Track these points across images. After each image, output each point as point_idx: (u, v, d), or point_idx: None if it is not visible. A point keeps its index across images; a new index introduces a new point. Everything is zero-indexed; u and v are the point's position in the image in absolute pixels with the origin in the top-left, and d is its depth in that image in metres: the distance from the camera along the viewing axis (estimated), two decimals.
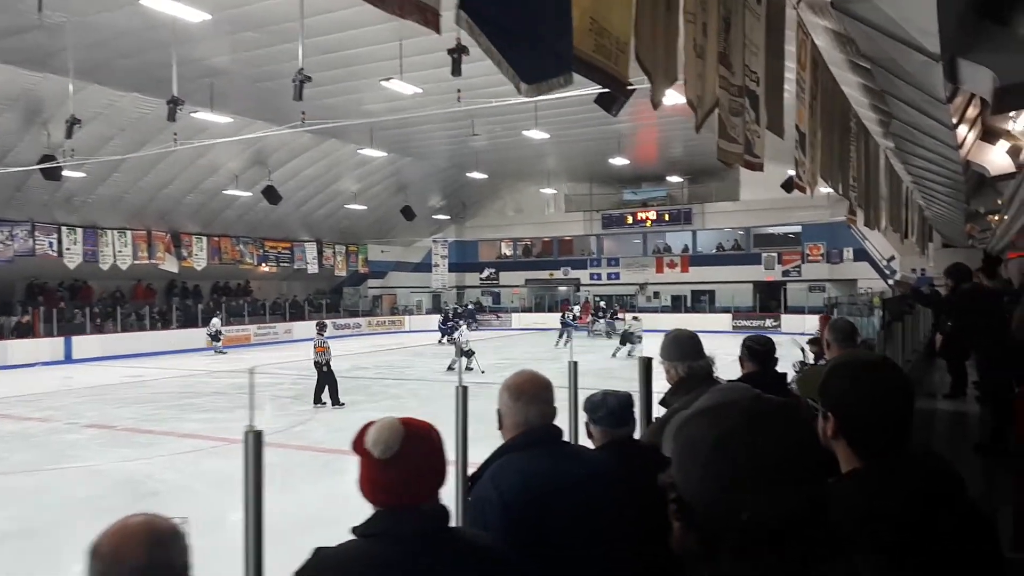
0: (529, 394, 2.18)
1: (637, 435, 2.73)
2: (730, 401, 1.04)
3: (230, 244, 31.89)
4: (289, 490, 8.43)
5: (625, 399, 2.62)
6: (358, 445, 1.58)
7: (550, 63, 2.53)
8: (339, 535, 1.60)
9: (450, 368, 20.07)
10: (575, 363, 5.13)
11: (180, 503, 8.30)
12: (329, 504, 7.70)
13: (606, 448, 2.52)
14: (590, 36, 2.87)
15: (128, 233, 27.55)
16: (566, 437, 2.36)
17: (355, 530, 1.57)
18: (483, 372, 17.81)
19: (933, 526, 1.32)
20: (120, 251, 27.32)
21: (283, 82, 13.78)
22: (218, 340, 28.04)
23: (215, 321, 28.69)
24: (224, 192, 28.21)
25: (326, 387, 15.04)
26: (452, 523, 1.71)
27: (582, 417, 2.70)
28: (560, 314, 33.35)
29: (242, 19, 14.48)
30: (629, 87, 3.42)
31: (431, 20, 2.05)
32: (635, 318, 25.56)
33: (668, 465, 1.05)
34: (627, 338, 23.75)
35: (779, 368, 4.02)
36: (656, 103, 3.46)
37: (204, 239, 30.56)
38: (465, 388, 3.84)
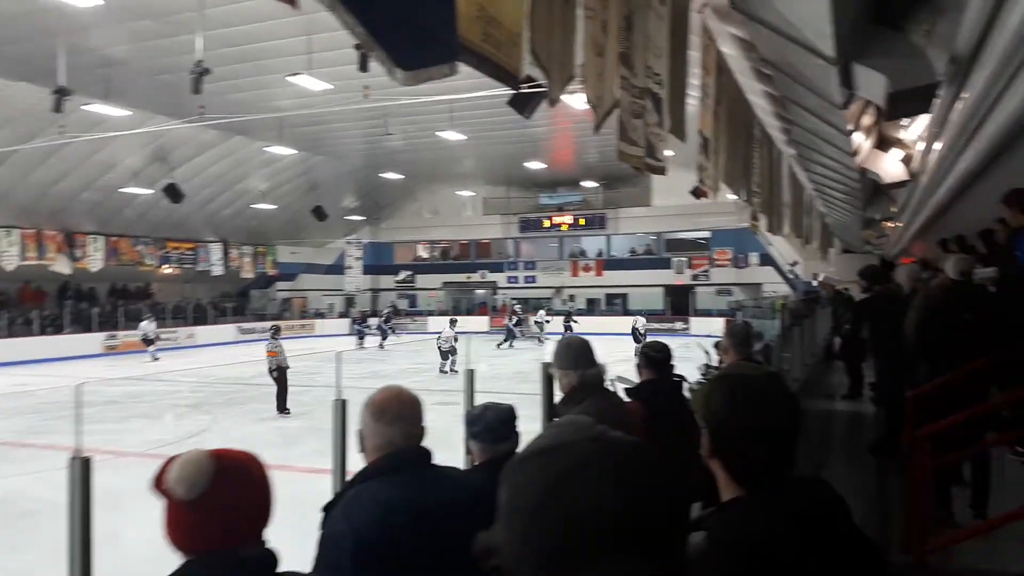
0: (392, 413, 1.97)
1: None
2: (565, 442, 0.84)
3: (129, 244, 30.34)
4: None
5: (505, 413, 2.44)
6: (159, 484, 1.34)
7: (430, 50, 2.35)
8: None
9: (441, 371, 19.46)
10: (471, 371, 4.96)
11: (58, 523, 7.69)
12: None
13: (484, 467, 2.33)
14: (478, 24, 2.70)
15: (15, 232, 25.84)
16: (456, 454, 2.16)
17: None
18: (456, 372, 17.81)
19: (818, 563, 1.19)
20: (6, 251, 25.60)
21: (183, 75, 13.12)
22: (152, 344, 26.06)
23: (145, 324, 26.47)
24: (122, 190, 26.80)
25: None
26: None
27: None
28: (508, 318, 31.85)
29: (138, 7, 13.73)
30: (533, 87, 3.29)
31: None
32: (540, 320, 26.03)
33: None
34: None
35: (685, 371, 3.97)
36: (553, 100, 3.33)
37: (101, 239, 28.95)
38: (344, 401, 3.60)
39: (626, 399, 3.46)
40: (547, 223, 39.47)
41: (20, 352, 24.82)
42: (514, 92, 11.38)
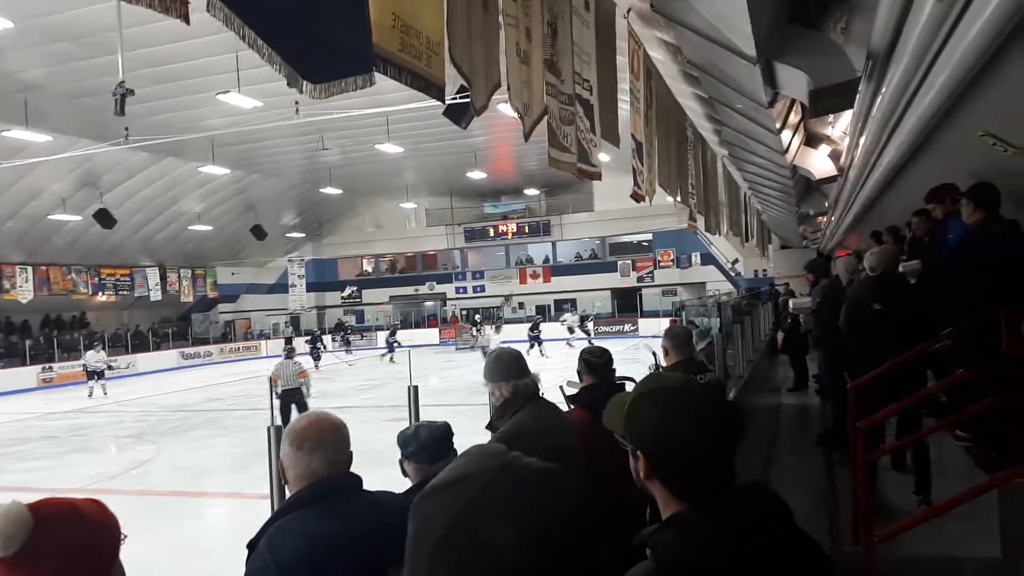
0: (313, 440, 1.89)
1: None
2: (471, 472, 0.78)
3: (60, 273, 29.27)
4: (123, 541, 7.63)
5: (440, 431, 2.37)
6: None
7: (341, 62, 2.26)
8: None
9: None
10: (415, 387, 4.86)
11: None
12: (173, 554, 7.03)
13: (419, 488, 2.26)
14: (394, 34, 2.63)
15: None
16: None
17: None
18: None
19: (767, 569, 1.15)
20: None
21: (106, 97, 12.68)
22: (101, 376, 23.08)
23: (91, 355, 23.45)
24: (50, 217, 25.83)
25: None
26: None
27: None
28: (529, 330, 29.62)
29: (53, 29, 13.26)
30: (468, 96, 3.23)
31: (174, 7, 1.72)
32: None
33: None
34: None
35: (633, 373, 3.93)
36: (478, 108, 3.27)
37: (29, 269, 27.85)
38: (279, 427, 3.48)
39: (567, 407, 3.42)
40: (492, 232, 39.47)
41: None
42: (449, 103, 11.35)
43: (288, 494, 1.93)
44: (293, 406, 12.26)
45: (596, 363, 3.56)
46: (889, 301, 4.90)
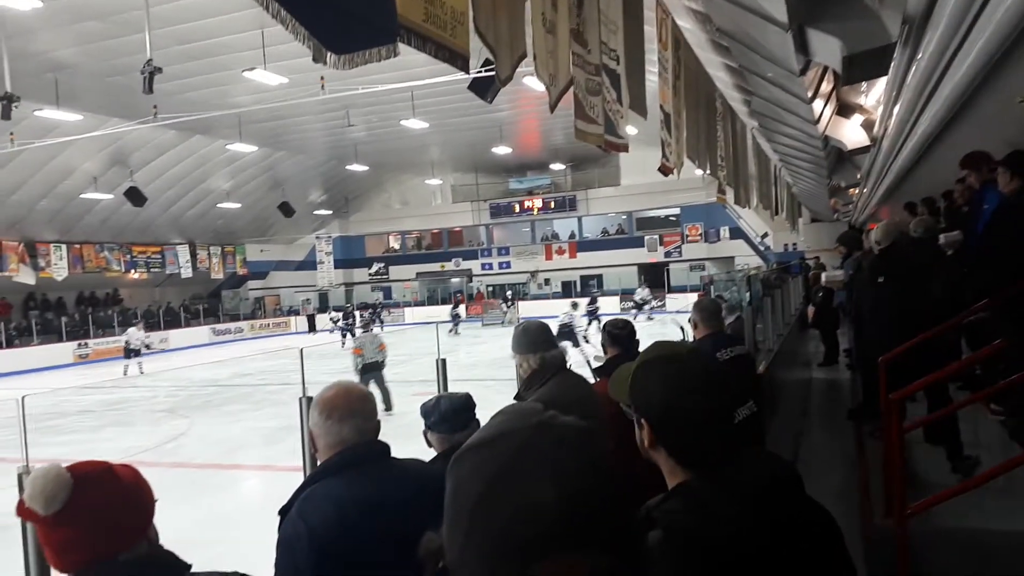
0: (342, 409, 1.91)
1: None
2: (507, 431, 0.79)
3: (93, 251, 29.75)
4: (159, 512, 7.82)
5: (460, 401, 2.40)
6: (20, 507, 1.31)
7: (365, 32, 2.24)
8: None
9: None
10: (443, 360, 4.90)
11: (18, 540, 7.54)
12: (207, 525, 7.18)
13: (442, 457, 2.28)
14: (418, 4, 2.60)
15: None
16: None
17: None
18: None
19: (775, 543, 1.14)
20: None
21: (135, 75, 12.79)
22: (138, 355, 22.26)
23: (132, 331, 22.68)
24: (83, 196, 26.19)
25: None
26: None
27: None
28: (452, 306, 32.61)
29: (82, 8, 13.36)
30: (492, 69, 3.20)
31: None
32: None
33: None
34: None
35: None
36: (502, 79, 3.24)
37: (63, 247, 28.34)
38: (311, 399, 3.52)
39: (594, 379, 3.43)
40: (517, 208, 39.31)
41: None
42: (474, 76, 11.27)
43: (318, 463, 1.96)
44: (372, 381, 11.78)
45: (620, 334, 3.58)
46: (892, 274, 4.83)
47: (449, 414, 2.36)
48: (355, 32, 2.19)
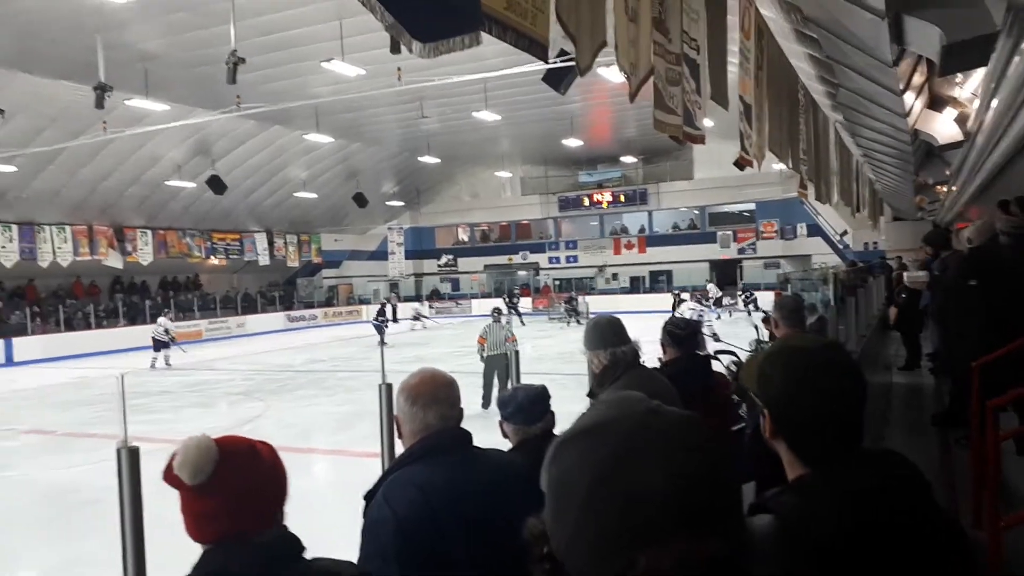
0: (427, 396, 1.93)
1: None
2: (613, 418, 0.78)
3: (176, 237, 30.96)
4: None
5: (536, 393, 2.39)
6: (167, 473, 1.34)
7: (450, 20, 2.23)
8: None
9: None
10: (516, 351, 4.89)
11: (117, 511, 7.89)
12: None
13: (520, 447, 2.28)
14: None
15: (68, 228, 26.52)
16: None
17: None
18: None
19: (895, 546, 1.10)
20: (60, 247, 26.29)
21: (219, 66, 13.23)
22: (167, 347, 21.52)
23: (163, 320, 22.42)
24: (167, 183, 27.28)
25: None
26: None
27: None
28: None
29: (171, 0, 13.85)
30: (567, 60, 3.16)
31: None
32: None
33: None
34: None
35: (734, 347, 3.83)
36: (582, 69, 3.18)
37: (149, 232, 29.59)
38: (389, 385, 3.56)
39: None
40: (586, 201, 39.00)
41: (77, 346, 25.57)
42: (548, 68, 11.22)
43: (402, 448, 1.99)
44: (496, 374, 11.31)
45: (680, 335, 3.45)
46: (985, 275, 4.57)
47: (526, 405, 2.36)
48: (441, 20, 2.19)
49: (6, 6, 13.57)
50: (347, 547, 1.89)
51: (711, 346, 4.08)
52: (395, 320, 29.10)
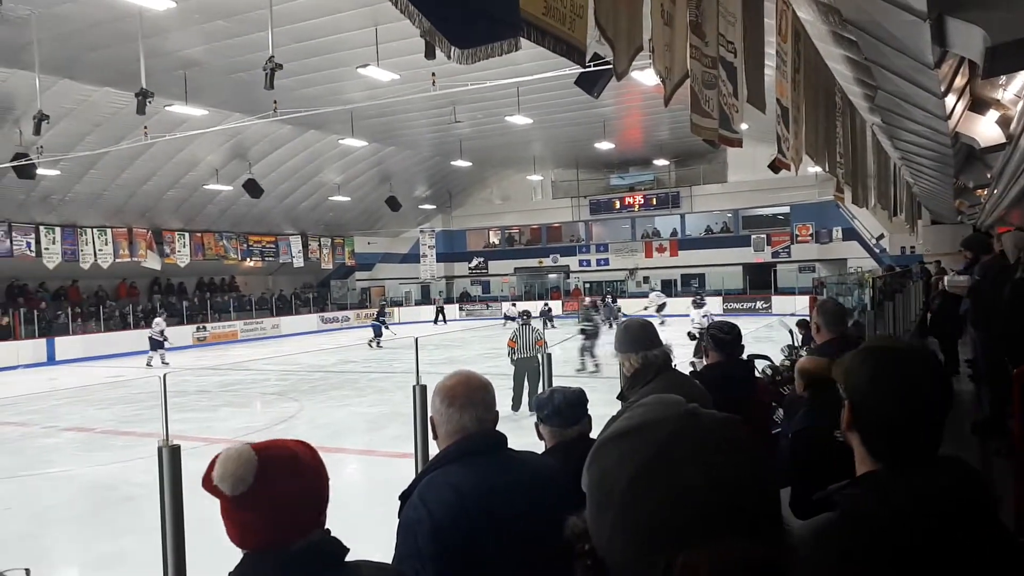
0: (463, 398, 1.94)
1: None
2: (654, 420, 0.79)
3: (213, 240, 31.47)
4: None
5: (574, 396, 2.39)
6: (207, 482, 1.32)
7: (488, 27, 2.25)
8: None
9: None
10: (549, 354, 4.90)
11: (156, 507, 8.04)
12: None
13: (555, 450, 2.29)
14: None
15: (108, 231, 27.09)
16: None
17: None
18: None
19: (955, 555, 1.11)
20: (101, 249, 26.86)
21: (257, 72, 13.44)
22: (161, 347, 22.25)
23: (159, 321, 23.03)
24: (205, 187, 27.78)
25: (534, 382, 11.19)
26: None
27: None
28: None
29: (210, 7, 14.12)
30: (601, 64, 3.17)
31: None
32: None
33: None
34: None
35: (769, 352, 3.79)
36: (619, 73, 3.19)
37: (187, 235, 30.12)
38: (424, 387, 3.59)
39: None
40: (618, 204, 38.78)
41: (117, 345, 26.10)
42: (581, 71, 11.21)
43: (437, 449, 2.00)
44: (526, 376, 11.29)
45: (725, 339, 3.43)
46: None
47: (563, 407, 2.36)
48: (479, 26, 2.21)
49: (50, 13, 13.94)
50: (376, 546, 1.90)
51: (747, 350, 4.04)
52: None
